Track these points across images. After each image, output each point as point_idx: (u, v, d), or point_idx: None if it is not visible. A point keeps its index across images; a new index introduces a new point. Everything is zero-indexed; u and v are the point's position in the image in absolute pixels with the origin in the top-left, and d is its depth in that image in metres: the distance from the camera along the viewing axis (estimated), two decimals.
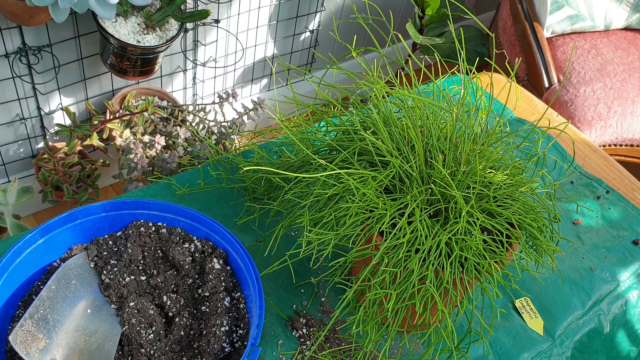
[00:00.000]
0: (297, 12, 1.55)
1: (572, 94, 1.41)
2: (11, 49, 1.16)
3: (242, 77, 1.62)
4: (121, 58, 1.17)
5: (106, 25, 1.12)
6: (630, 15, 1.56)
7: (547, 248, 0.60)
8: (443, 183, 0.55)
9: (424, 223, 0.55)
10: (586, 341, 0.73)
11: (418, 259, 0.53)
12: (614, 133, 1.39)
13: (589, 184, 0.92)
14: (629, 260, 0.81)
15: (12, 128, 1.30)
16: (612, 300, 0.77)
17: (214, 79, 1.54)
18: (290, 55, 1.66)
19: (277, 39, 1.59)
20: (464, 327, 0.69)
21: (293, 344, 0.64)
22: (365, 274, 0.55)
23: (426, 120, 0.60)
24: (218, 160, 0.79)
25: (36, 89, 1.24)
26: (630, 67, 1.48)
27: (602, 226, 0.86)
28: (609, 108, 1.39)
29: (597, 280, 0.78)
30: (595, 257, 0.81)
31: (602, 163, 0.96)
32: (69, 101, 1.34)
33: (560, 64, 1.47)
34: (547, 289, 0.76)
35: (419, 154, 0.57)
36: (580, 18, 1.51)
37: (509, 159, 0.62)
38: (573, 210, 0.87)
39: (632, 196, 0.91)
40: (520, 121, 0.98)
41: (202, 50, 1.45)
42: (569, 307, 0.74)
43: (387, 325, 0.58)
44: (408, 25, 1.38)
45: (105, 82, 1.36)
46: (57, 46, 1.20)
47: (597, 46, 1.50)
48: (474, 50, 1.55)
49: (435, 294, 0.53)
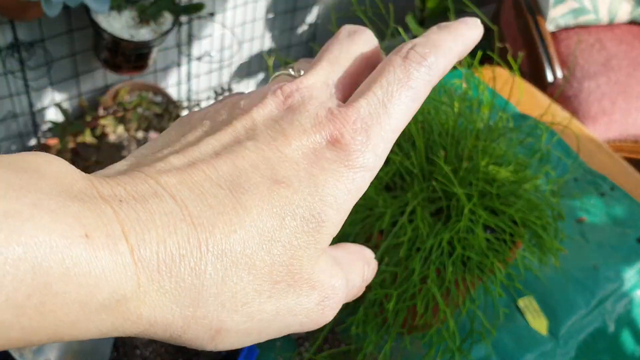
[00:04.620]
0: (295, 5, 1.53)
1: (576, 89, 1.39)
2: (3, 44, 1.14)
3: (238, 72, 1.60)
4: (114, 53, 1.15)
5: (99, 19, 1.10)
6: (635, 8, 1.54)
7: (550, 246, 0.59)
8: (445, 180, 0.54)
9: (425, 221, 0.53)
10: (590, 341, 0.72)
11: (419, 258, 0.52)
12: (619, 128, 1.38)
13: (593, 180, 0.90)
14: (633, 258, 0.80)
15: (3, 125, 1.28)
16: (617, 299, 0.76)
17: (209, 74, 1.52)
18: (288, 50, 1.64)
19: (274, 33, 1.57)
20: (466, 328, 0.68)
21: (291, 346, 0.63)
22: None
23: (427, 115, 0.59)
24: None
25: (28, 85, 1.22)
26: (635, 61, 1.46)
27: (606, 224, 0.84)
28: (613, 103, 1.38)
29: (602, 279, 0.77)
30: (600, 256, 0.80)
31: (607, 159, 0.94)
32: (61, 97, 1.32)
33: (564, 58, 1.45)
34: (551, 288, 0.75)
35: (420, 150, 0.55)
36: (584, 11, 1.49)
37: (512, 155, 0.61)
38: (577, 208, 0.85)
39: (637, 193, 0.90)
40: (523, 116, 0.96)
41: (197, 44, 1.43)
42: (572, 306, 0.73)
43: (388, 326, 0.56)
44: (408, 18, 1.36)
45: (98, 78, 1.35)
46: (49, 41, 1.19)
47: (601, 40, 1.49)
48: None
49: (436, 294, 0.52)
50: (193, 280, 0.17)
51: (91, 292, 0.16)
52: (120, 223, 0.16)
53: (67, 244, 0.15)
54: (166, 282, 0.17)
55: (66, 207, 0.16)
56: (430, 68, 0.20)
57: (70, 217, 0.15)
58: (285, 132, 0.20)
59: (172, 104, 1.27)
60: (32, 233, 0.15)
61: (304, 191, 0.19)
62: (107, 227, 0.16)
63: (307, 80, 0.21)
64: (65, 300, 0.15)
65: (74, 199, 0.16)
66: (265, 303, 0.19)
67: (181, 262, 0.17)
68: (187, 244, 0.17)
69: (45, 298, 0.15)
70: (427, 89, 0.21)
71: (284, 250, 0.19)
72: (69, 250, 0.15)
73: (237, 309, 0.18)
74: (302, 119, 0.20)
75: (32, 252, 0.15)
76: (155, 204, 0.17)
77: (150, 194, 0.17)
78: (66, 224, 0.15)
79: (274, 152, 0.19)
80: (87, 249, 0.15)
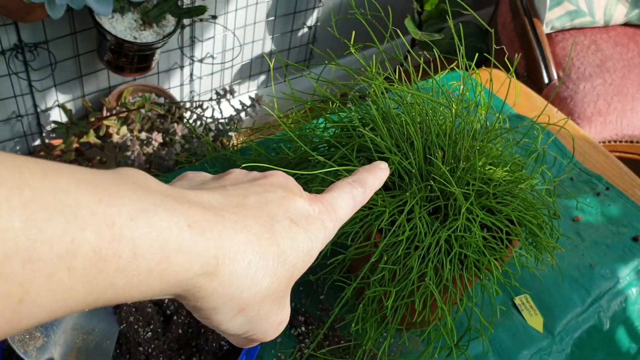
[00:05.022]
0: (295, 7, 1.54)
1: (571, 90, 1.40)
2: (7, 45, 1.15)
3: (239, 74, 1.61)
4: (118, 54, 1.16)
5: (103, 21, 1.11)
6: (630, 10, 1.55)
7: (546, 245, 0.60)
8: (442, 180, 0.55)
9: (423, 220, 0.54)
10: (586, 338, 0.73)
11: (417, 256, 0.53)
12: (614, 129, 1.39)
13: (588, 180, 0.91)
14: (628, 257, 0.81)
15: (8, 125, 1.29)
16: (612, 297, 0.76)
17: (211, 75, 1.53)
18: (288, 52, 1.65)
19: (275, 35, 1.58)
20: (463, 325, 0.69)
21: (292, 342, 0.64)
22: (365, 272, 0.54)
23: (425, 117, 0.59)
24: (215, 157, 0.79)
25: (32, 86, 1.23)
26: (630, 63, 1.47)
27: (601, 223, 0.85)
28: (608, 104, 1.39)
29: (597, 277, 0.78)
30: (595, 254, 0.81)
31: (602, 159, 0.96)
32: (65, 98, 1.33)
33: (560, 59, 1.46)
34: (547, 286, 0.75)
35: (418, 150, 0.56)
36: (579, 14, 1.50)
37: (509, 156, 0.62)
38: (573, 207, 0.86)
39: (631, 193, 0.91)
40: (519, 117, 0.97)
41: (199, 46, 1.44)
42: (568, 304, 0.74)
43: (387, 323, 0.57)
44: (407, 21, 1.37)
45: (101, 79, 1.36)
46: (53, 43, 1.20)
47: (596, 42, 1.50)
48: (473, 46, 1.54)
49: (434, 292, 0.52)
50: (247, 271, 0.26)
51: (191, 264, 0.23)
52: (208, 221, 0.24)
53: (179, 231, 0.23)
54: (235, 266, 0.25)
55: (174, 207, 0.23)
56: (366, 190, 0.34)
57: (178, 213, 0.23)
58: (293, 191, 0.30)
59: (174, 105, 1.28)
60: (160, 223, 0.22)
61: (306, 232, 0.28)
62: (201, 222, 0.24)
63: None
64: (177, 268, 0.23)
65: (175, 201, 0.24)
66: (268, 304, 0.27)
67: (242, 258, 0.25)
68: (247, 245, 0.26)
69: (166, 265, 0.23)
70: (363, 200, 0.34)
71: (292, 270, 0.27)
72: (181, 235, 0.23)
73: (260, 301, 0.27)
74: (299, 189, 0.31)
75: (161, 236, 0.22)
76: (225, 212, 0.26)
77: (220, 207, 0.26)
78: (177, 218, 0.23)
79: (289, 200, 0.29)
80: (191, 235, 0.23)
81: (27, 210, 0.18)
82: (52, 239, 0.19)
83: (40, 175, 0.19)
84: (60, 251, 0.19)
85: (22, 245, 0.18)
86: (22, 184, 0.19)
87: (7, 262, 0.18)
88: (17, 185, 0.19)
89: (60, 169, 0.21)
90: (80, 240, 0.20)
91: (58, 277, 0.19)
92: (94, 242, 0.20)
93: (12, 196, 0.18)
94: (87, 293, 0.20)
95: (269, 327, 0.28)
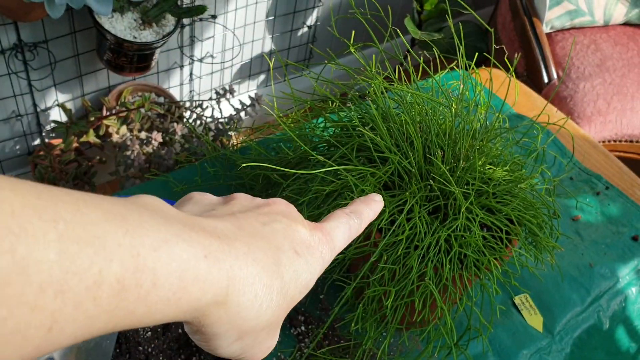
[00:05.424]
0: (295, 7, 1.54)
1: (571, 90, 1.40)
2: (7, 45, 1.15)
3: (239, 73, 1.61)
4: (117, 54, 1.16)
5: (102, 21, 1.11)
6: (630, 10, 1.55)
7: (546, 244, 0.60)
8: (442, 179, 0.55)
9: (423, 220, 0.54)
10: (585, 337, 0.73)
11: (417, 256, 0.53)
12: (614, 129, 1.39)
13: (588, 180, 0.91)
14: (628, 256, 0.81)
15: (7, 125, 1.29)
16: (612, 296, 0.76)
17: (211, 75, 1.53)
18: (288, 51, 1.65)
19: (275, 35, 1.58)
20: (463, 324, 0.69)
21: (291, 342, 0.64)
22: (364, 271, 0.54)
23: (425, 116, 0.59)
24: (215, 157, 0.79)
25: (32, 85, 1.23)
26: (630, 62, 1.47)
27: (601, 222, 0.85)
28: (608, 104, 1.39)
29: (597, 276, 0.78)
30: (595, 254, 0.81)
31: (602, 159, 0.96)
32: (65, 98, 1.33)
33: (560, 59, 1.46)
34: (547, 285, 0.75)
35: (418, 150, 0.56)
36: (579, 13, 1.50)
37: (509, 155, 0.62)
38: (572, 207, 0.86)
39: (631, 192, 0.91)
40: (519, 117, 0.97)
41: (199, 46, 1.44)
42: (568, 303, 0.74)
43: (386, 322, 0.57)
44: (406, 21, 1.37)
45: (101, 79, 1.36)
46: (53, 42, 1.20)
47: (596, 41, 1.50)
48: (473, 45, 1.54)
49: (434, 291, 0.52)
50: (254, 303, 0.27)
51: (204, 293, 0.24)
52: (222, 252, 0.26)
53: (197, 262, 0.24)
54: (242, 298, 0.26)
55: (191, 237, 0.24)
56: (362, 221, 0.36)
57: (196, 243, 0.24)
58: (296, 220, 0.31)
59: (174, 104, 1.28)
60: (179, 254, 0.23)
61: (306, 263, 0.30)
62: (215, 252, 0.25)
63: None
64: (191, 297, 0.24)
65: (192, 230, 0.25)
66: (265, 333, 0.29)
67: (251, 288, 0.27)
68: (255, 278, 0.27)
69: (182, 294, 0.24)
70: (358, 230, 0.35)
71: (290, 302, 0.29)
72: (198, 265, 0.24)
73: (259, 331, 0.28)
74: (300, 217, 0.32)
75: (181, 267, 0.23)
76: (238, 243, 0.27)
77: (233, 237, 0.27)
78: (195, 248, 0.24)
79: (292, 230, 0.30)
80: (207, 265, 0.24)
81: (61, 242, 0.19)
82: (82, 270, 0.20)
83: (73, 207, 0.20)
84: (89, 282, 0.20)
85: (55, 276, 0.19)
86: (57, 217, 0.20)
87: (42, 294, 0.19)
88: (52, 218, 0.19)
89: (89, 200, 0.22)
90: (107, 271, 0.21)
91: (84, 306, 0.20)
92: (119, 272, 0.21)
93: (48, 229, 0.19)
94: (108, 320, 0.21)
95: (260, 351, 0.30)
